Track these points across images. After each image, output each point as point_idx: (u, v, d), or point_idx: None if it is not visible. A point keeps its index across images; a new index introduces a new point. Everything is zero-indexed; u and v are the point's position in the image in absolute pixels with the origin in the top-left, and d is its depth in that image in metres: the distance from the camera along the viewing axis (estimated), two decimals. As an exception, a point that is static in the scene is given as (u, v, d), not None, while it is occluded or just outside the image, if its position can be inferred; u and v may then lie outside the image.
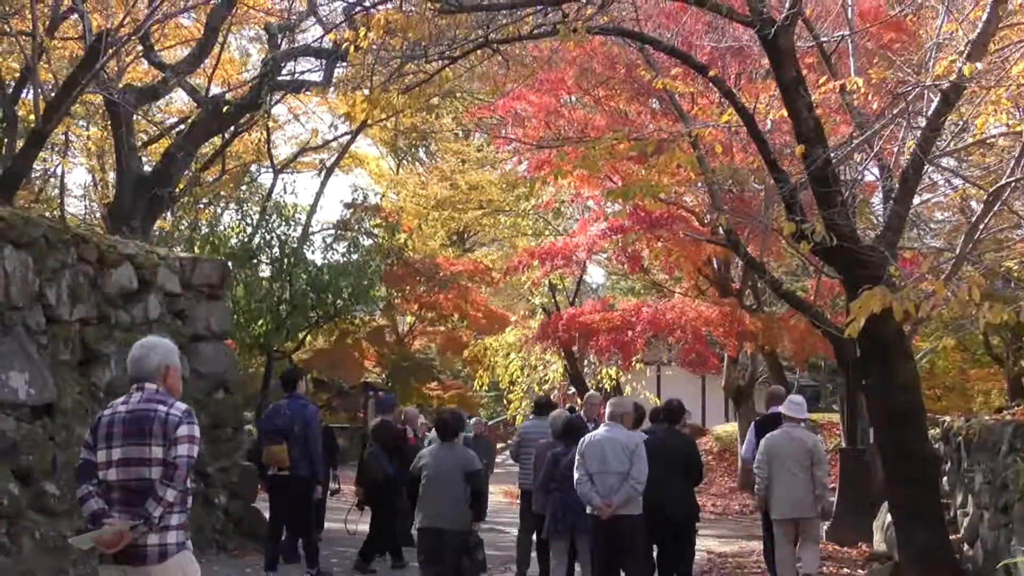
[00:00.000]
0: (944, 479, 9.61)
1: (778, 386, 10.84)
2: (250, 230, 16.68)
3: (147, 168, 15.69)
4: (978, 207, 8.88)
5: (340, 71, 15.33)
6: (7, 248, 7.21)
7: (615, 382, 21.31)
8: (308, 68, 17.90)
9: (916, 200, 9.63)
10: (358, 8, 9.83)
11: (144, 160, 16.88)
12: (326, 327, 20.47)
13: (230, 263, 12.89)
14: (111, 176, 19.19)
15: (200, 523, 9.09)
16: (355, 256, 17.76)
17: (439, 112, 24.81)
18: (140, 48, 14.32)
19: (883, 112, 8.30)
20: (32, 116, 11.56)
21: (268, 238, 16.36)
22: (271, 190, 20.57)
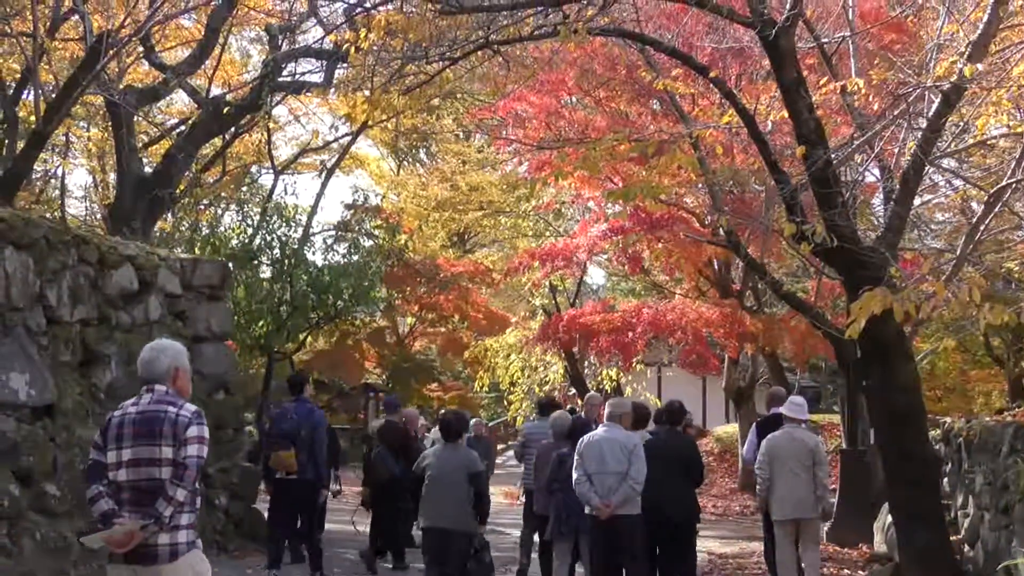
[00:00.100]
0: (945, 480, 9.61)
1: (779, 387, 10.83)
2: (251, 231, 16.64)
3: (148, 169, 15.69)
4: (979, 208, 8.87)
5: (341, 72, 15.31)
6: (8, 249, 7.21)
7: (616, 383, 21.29)
8: (309, 69, 17.83)
9: (917, 201, 9.61)
10: (359, 9, 9.85)
11: (145, 161, 16.89)
12: (327, 328, 20.47)
13: (231, 264, 12.86)
14: (112, 177, 19.19)
15: (201, 524, 9.02)
16: (356, 257, 17.73)
17: (440, 113, 24.77)
18: (141, 49, 14.31)
19: (884, 113, 8.30)
20: (33, 117, 11.57)
21: (269, 239, 16.32)
22: (272, 191, 20.51)
